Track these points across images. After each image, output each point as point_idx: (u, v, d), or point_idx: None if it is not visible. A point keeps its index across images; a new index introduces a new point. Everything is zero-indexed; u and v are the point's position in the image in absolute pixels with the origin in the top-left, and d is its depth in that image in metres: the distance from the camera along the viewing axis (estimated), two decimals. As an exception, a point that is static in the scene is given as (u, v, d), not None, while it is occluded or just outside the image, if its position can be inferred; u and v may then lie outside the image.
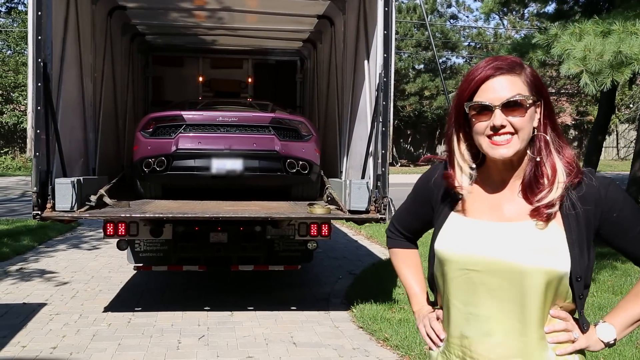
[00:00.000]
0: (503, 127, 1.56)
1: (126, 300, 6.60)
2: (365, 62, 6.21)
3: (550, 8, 11.93)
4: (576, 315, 1.70)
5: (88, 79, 6.71)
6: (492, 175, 1.68)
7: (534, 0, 11.59)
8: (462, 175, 1.68)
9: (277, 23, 8.24)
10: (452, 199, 1.73)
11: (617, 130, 33.98)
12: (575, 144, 34.52)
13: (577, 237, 1.60)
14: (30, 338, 5.28)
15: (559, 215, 1.61)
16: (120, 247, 6.04)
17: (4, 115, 26.43)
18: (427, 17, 9.10)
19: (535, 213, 1.60)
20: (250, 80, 10.24)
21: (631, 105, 32.06)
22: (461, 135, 1.69)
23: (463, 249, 1.65)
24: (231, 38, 9.12)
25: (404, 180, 12.55)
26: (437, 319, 1.79)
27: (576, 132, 34.79)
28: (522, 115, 1.57)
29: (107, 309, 6.21)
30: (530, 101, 1.59)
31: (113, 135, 8.02)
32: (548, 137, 1.62)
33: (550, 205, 1.59)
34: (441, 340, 1.76)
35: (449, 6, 33.33)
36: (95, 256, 8.97)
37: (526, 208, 1.62)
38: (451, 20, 33.49)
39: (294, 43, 9.57)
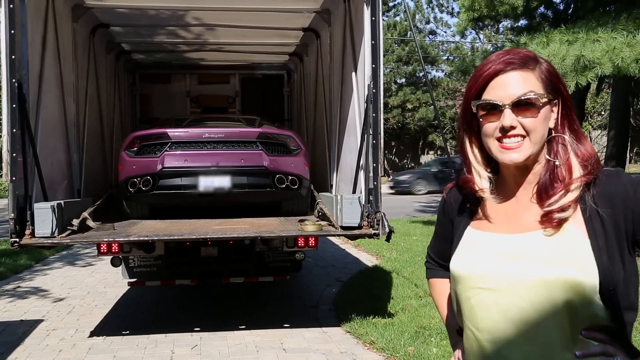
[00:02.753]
0: (513, 128, 1.33)
1: (121, 314, 6.42)
2: (353, 73, 5.80)
3: (522, 22, 11.82)
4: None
5: (70, 98, 6.24)
6: (507, 182, 1.44)
7: (506, 16, 11.41)
8: (482, 180, 1.44)
9: (263, 37, 7.87)
10: (468, 213, 1.50)
11: (590, 137, 34.02)
12: (552, 149, 34.50)
13: (604, 243, 1.29)
14: (27, 354, 5.13)
15: (580, 220, 1.32)
16: (114, 264, 5.70)
17: (3, 137, 25.86)
18: (412, 26, 8.80)
19: (545, 219, 1.34)
20: (237, 95, 9.82)
21: (602, 113, 32.07)
22: (473, 138, 1.46)
23: (474, 265, 1.40)
24: (217, 54, 8.73)
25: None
26: (463, 352, 1.51)
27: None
28: (534, 116, 1.33)
29: (103, 323, 6.05)
30: (545, 100, 1.34)
31: (99, 155, 7.53)
32: (567, 138, 1.37)
33: (561, 209, 1.32)
34: None
35: (428, 22, 33.22)
36: (91, 272, 8.72)
37: (540, 215, 1.37)
38: (430, 36, 33.35)
39: (280, 57, 9.21)
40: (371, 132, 5.04)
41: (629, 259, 1.30)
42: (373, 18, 5.03)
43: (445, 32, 37.31)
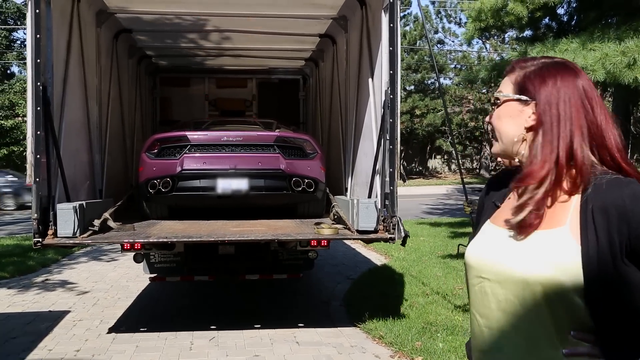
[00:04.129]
0: (490, 124, 1.43)
1: (143, 306, 6.49)
2: (370, 79, 5.59)
3: (527, 33, 11.59)
4: None
5: (93, 101, 6.10)
6: None
7: (512, 27, 11.19)
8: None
9: (280, 43, 7.69)
10: (494, 206, 1.49)
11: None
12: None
13: (595, 250, 1.22)
14: (55, 342, 5.22)
15: (576, 224, 1.26)
16: (136, 260, 5.62)
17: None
18: (428, 37, 8.70)
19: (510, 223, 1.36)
20: (254, 98, 9.66)
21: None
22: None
23: (479, 255, 1.41)
24: (235, 58, 8.55)
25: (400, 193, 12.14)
26: None
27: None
28: (493, 114, 1.43)
29: (126, 314, 6.12)
30: (507, 99, 1.38)
31: (121, 157, 7.39)
32: (538, 137, 1.32)
33: (518, 212, 1.33)
34: None
35: (436, 32, 32.85)
36: (114, 267, 8.76)
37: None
38: (438, 45, 32.98)
39: (296, 62, 9.02)
40: (388, 137, 4.85)
41: (622, 268, 1.21)
42: (391, 25, 4.83)
43: (452, 41, 36.97)
